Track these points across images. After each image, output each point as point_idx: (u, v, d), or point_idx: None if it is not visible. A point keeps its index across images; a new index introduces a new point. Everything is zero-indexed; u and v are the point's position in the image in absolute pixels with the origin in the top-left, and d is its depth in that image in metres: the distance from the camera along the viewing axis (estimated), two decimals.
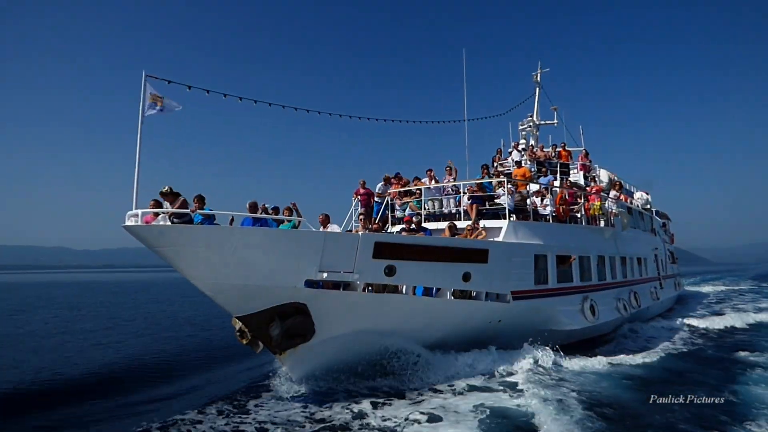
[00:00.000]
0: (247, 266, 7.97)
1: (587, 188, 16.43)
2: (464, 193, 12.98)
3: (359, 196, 13.84)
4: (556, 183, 15.67)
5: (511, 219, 12.05)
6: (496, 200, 12.71)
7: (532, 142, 21.02)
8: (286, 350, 8.87)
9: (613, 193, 16.56)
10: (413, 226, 11.04)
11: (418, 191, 13.53)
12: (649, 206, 23.38)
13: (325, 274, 8.50)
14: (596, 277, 14.51)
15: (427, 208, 13.41)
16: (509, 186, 12.51)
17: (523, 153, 18.49)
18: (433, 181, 13.78)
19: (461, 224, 12.20)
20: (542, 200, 13.14)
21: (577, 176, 18.74)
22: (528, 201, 13.03)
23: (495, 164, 18.21)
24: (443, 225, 11.84)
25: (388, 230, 12.94)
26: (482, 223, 11.97)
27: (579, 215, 14.37)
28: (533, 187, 13.69)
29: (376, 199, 13.89)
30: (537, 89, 22.60)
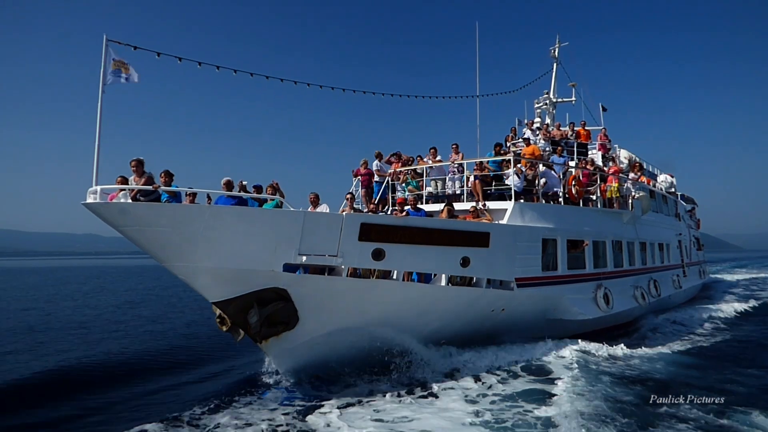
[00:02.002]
0: (218, 248, 7.38)
1: (605, 169, 15.39)
2: (471, 173, 12.13)
3: (360, 176, 13.14)
4: (572, 164, 14.67)
5: (520, 200, 11.20)
6: (505, 181, 11.86)
7: (547, 120, 19.88)
8: (267, 338, 8.32)
9: (632, 174, 15.47)
10: (408, 207, 10.29)
11: (420, 171, 12.75)
12: (673, 189, 22.13)
13: (305, 258, 7.85)
14: (612, 263, 13.59)
15: (428, 188, 12.63)
16: (519, 166, 11.63)
17: (537, 132, 17.45)
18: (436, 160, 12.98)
19: (464, 206, 11.41)
20: (541, 178, 12.15)
21: (595, 156, 17.68)
22: (537, 182, 12.12)
23: (508, 144, 17.25)
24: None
25: (388, 212, 12.22)
26: (486, 204, 11.17)
27: (595, 197, 13.41)
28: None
29: (376, 178, 13.17)
30: (554, 65, 21.32)
